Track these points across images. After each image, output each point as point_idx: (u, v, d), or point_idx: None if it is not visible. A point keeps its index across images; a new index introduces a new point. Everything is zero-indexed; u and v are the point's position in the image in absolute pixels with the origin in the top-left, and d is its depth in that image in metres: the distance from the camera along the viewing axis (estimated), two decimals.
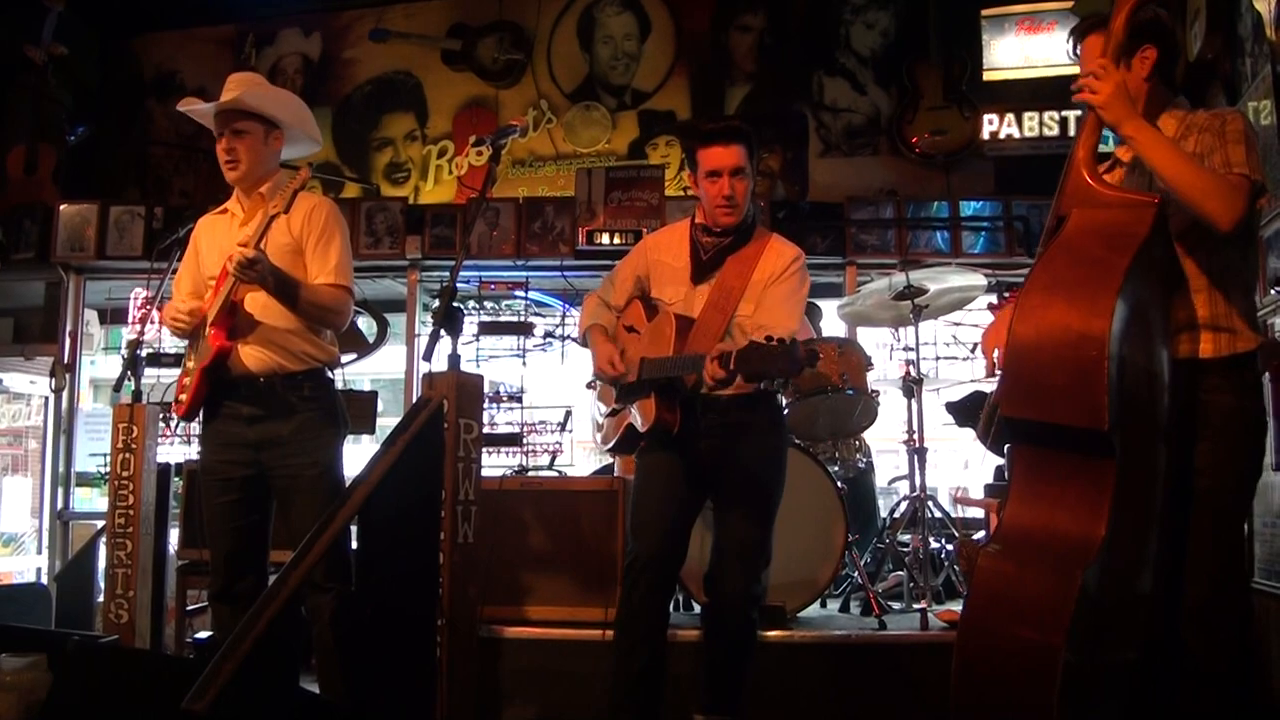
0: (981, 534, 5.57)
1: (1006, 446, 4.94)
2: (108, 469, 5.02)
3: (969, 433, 5.44)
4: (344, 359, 4.30)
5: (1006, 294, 6.04)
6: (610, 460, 6.04)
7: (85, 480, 7.07)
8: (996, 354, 3.17)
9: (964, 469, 7.46)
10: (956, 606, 4.81)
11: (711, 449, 3.78)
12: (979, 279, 5.75)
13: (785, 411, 4.08)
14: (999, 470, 5.42)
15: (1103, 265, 2.74)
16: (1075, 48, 3.25)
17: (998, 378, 3.06)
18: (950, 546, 5.55)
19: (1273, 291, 4.23)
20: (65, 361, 7.02)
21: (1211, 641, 2.98)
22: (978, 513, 6.00)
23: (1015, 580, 2.72)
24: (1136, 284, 2.72)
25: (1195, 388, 2.97)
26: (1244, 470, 3.04)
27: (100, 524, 5.66)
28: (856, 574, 5.15)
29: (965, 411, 5.64)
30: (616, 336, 4.03)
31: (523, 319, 6.74)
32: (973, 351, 6.30)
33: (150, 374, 4.95)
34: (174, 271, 4.27)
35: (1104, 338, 2.61)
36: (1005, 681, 2.65)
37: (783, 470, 3.92)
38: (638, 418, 3.84)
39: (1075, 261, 2.81)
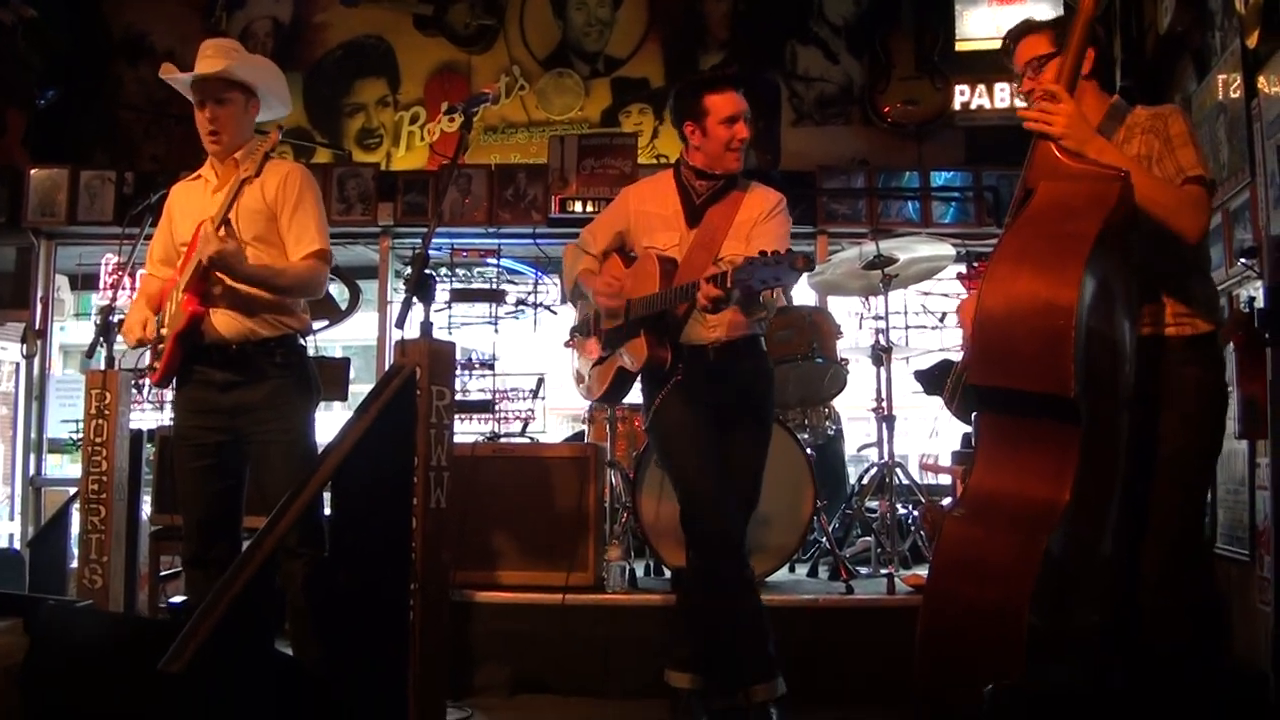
0: (948, 500, 5.65)
1: (974, 415, 5.04)
2: (79, 435, 5.02)
3: (937, 400, 5.51)
4: (316, 326, 4.29)
5: (976, 264, 6.09)
6: (582, 427, 6.09)
7: (57, 446, 7.07)
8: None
9: (932, 437, 7.53)
10: (923, 571, 4.88)
11: (727, 396, 3.86)
12: (948, 249, 5.81)
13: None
14: (966, 437, 5.49)
15: (1070, 236, 2.77)
16: (1011, 52, 3.37)
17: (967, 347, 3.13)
18: (918, 513, 5.62)
19: (1240, 262, 4.29)
20: (37, 327, 7.01)
21: (1171, 608, 3.05)
22: (945, 480, 6.07)
23: (981, 544, 2.76)
24: (1102, 256, 2.75)
25: (1160, 361, 3.04)
26: (1206, 440, 3.12)
27: (72, 490, 5.66)
28: (825, 539, 5.22)
29: (934, 379, 5.71)
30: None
31: (495, 286, 6.76)
32: (941, 320, 6.35)
33: (122, 340, 4.95)
34: (146, 238, 4.27)
35: (1072, 307, 2.64)
36: (969, 643, 2.69)
37: (772, 414, 4.06)
38: (628, 359, 3.90)
39: (1043, 233, 2.84)
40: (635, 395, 4.12)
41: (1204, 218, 2.99)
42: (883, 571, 4.99)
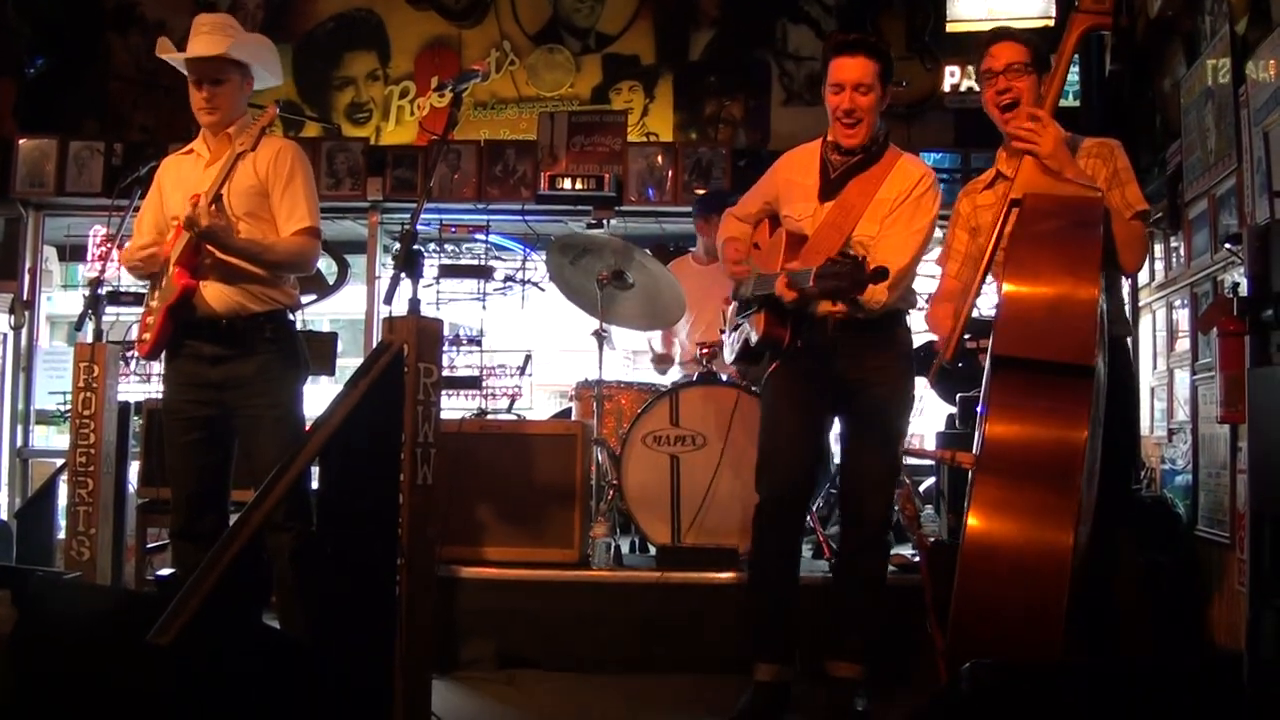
0: (930, 481, 5.68)
1: (958, 395, 5.07)
2: (67, 407, 5.02)
3: (922, 380, 5.54)
4: (304, 300, 4.32)
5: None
6: (569, 404, 6.10)
7: (44, 418, 7.06)
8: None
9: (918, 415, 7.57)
10: (903, 550, 4.92)
11: (843, 371, 3.82)
12: (936, 231, 5.80)
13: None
14: (950, 418, 5.52)
15: (1081, 231, 3.10)
16: (986, 48, 3.65)
17: (946, 344, 3.41)
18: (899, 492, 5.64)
19: (1225, 248, 4.32)
20: (24, 298, 6.99)
21: (1130, 589, 3.61)
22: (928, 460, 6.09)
23: (1012, 490, 2.92)
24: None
25: (1115, 361, 3.41)
26: (1137, 428, 3.83)
27: (60, 461, 5.67)
28: (809, 518, 5.23)
29: (919, 360, 5.72)
30: (749, 254, 4.08)
31: (483, 262, 6.76)
32: (928, 302, 6.36)
33: (110, 312, 4.95)
34: (135, 210, 4.28)
35: (1095, 289, 2.97)
36: (1014, 589, 2.82)
37: (911, 391, 3.98)
38: (750, 331, 3.90)
39: (1052, 229, 3.12)
40: (618, 373, 4.14)
41: (1143, 255, 3.55)
42: None
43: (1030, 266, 3.05)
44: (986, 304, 3.94)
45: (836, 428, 4.12)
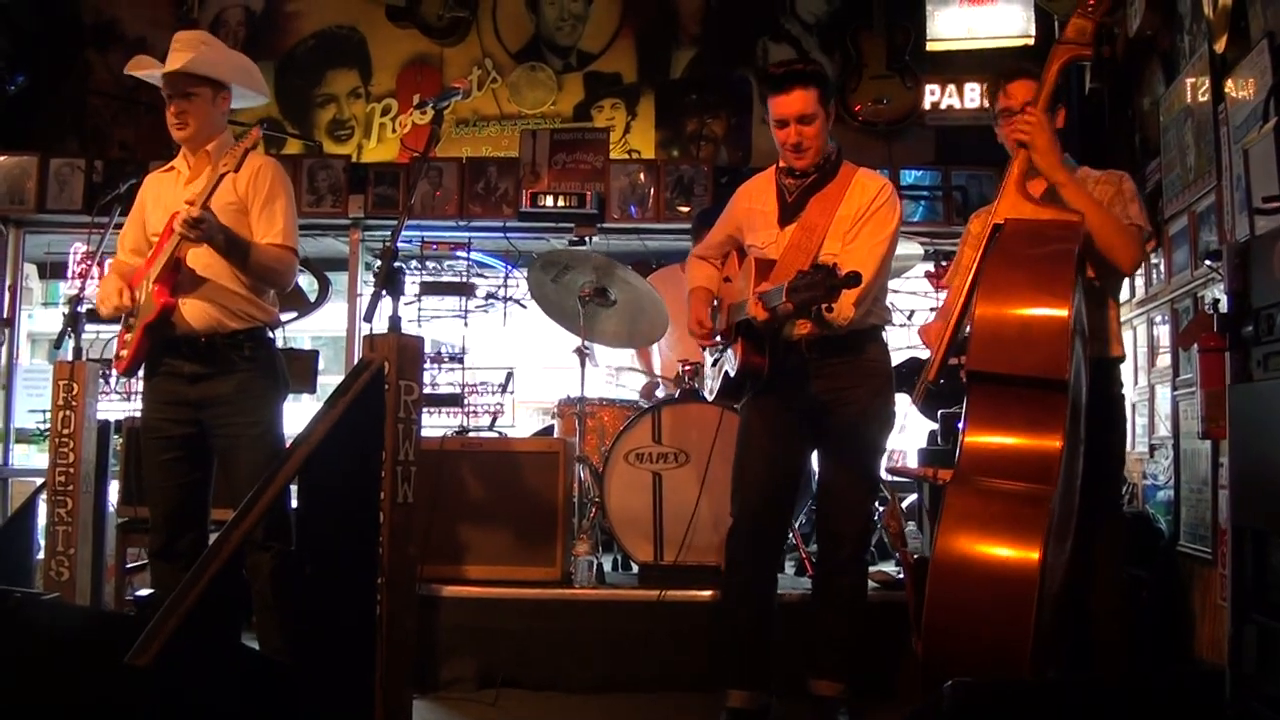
0: (913, 497, 5.68)
1: (940, 412, 5.07)
2: (47, 426, 4.99)
3: (904, 398, 5.54)
4: (285, 317, 4.30)
5: (944, 263, 6.12)
6: (551, 421, 6.09)
7: (24, 437, 7.01)
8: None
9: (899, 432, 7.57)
10: (887, 568, 4.91)
11: (818, 392, 3.81)
12: (916, 248, 5.83)
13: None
14: (932, 435, 5.52)
15: (1056, 251, 3.17)
16: (995, 93, 3.79)
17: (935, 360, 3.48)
18: (882, 509, 5.64)
19: (1205, 264, 4.34)
20: (4, 316, 6.94)
21: (1116, 607, 3.58)
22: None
23: (984, 500, 2.97)
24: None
25: (1104, 378, 3.57)
26: (1124, 449, 3.82)
27: (39, 481, 5.63)
28: (791, 535, 5.22)
29: (901, 377, 5.72)
30: (720, 290, 4.09)
31: (465, 280, 6.75)
32: (909, 319, 6.38)
33: (90, 330, 4.92)
34: (116, 227, 4.26)
35: (1068, 304, 3.02)
36: (983, 598, 2.84)
37: (889, 409, 3.97)
38: (729, 363, 3.91)
39: (1029, 250, 3.20)
40: (600, 391, 4.13)
41: (1140, 253, 3.60)
42: None
43: (1003, 286, 3.10)
44: None
45: None
